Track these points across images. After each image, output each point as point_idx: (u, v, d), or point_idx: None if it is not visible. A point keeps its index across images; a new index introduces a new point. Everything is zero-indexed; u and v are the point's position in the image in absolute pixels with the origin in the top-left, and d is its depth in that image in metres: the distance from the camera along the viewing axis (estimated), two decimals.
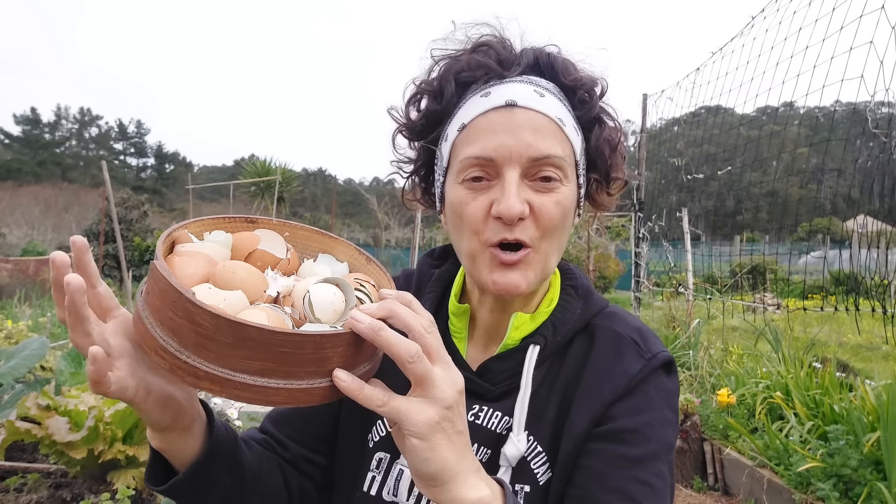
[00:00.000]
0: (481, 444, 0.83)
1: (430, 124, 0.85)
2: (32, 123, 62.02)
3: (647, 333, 0.87)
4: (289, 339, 0.56)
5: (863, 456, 2.62)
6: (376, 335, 0.58)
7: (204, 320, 0.55)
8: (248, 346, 0.55)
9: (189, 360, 0.56)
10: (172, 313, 0.56)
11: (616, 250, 17.50)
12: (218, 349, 0.56)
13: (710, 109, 5.83)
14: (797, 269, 6.51)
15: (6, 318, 6.33)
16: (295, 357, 0.57)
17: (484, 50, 0.81)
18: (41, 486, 2.70)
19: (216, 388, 0.57)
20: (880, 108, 3.47)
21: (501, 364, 0.85)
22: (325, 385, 0.60)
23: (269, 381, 0.57)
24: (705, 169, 5.89)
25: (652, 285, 6.66)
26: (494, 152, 0.76)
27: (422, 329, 0.61)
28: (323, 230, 0.82)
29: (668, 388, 0.83)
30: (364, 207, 32.80)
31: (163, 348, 0.57)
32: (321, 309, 0.64)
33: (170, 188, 57.99)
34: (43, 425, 2.51)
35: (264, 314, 0.61)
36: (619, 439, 0.78)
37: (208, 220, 0.74)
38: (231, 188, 12.65)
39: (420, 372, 0.59)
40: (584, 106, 0.82)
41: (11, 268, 13.21)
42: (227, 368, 0.56)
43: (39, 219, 32.22)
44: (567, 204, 0.79)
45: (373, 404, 0.59)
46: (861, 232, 3.90)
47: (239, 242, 0.72)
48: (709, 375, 4.28)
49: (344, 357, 0.60)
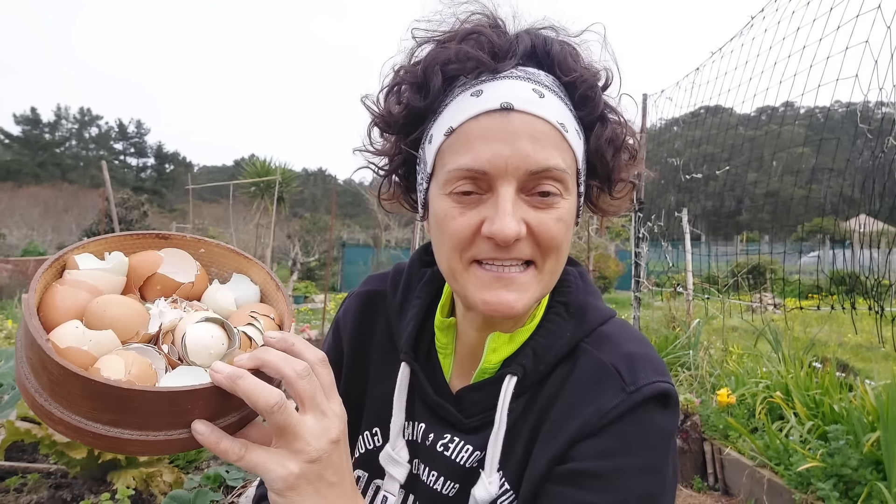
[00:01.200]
0: (448, 477, 0.78)
1: (412, 120, 0.75)
2: (32, 124, 62.00)
3: (637, 361, 0.74)
4: (138, 395, 0.54)
5: (863, 456, 2.62)
6: (234, 385, 0.55)
7: (54, 369, 0.53)
8: (97, 399, 0.54)
9: (45, 403, 0.55)
10: (32, 354, 0.56)
11: (616, 250, 17.51)
12: (70, 398, 0.54)
13: (709, 109, 5.83)
14: (796, 269, 6.51)
15: (6, 318, 6.33)
16: (147, 411, 0.55)
17: (475, 38, 0.70)
18: (41, 487, 2.70)
19: (71, 434, 0.55)
20: (880, 108, 3.47)
21: (476, 395, 0.78)
22: (186, 436, 0.57)
23: (122, 432, 0.55)
24: (705, 169, 5.89)
25: (652, 285, 6.66)
26: (488, 164, 0.66)
27: (294, 375, 0.57)
28: (239, 250, 0.78)
29: (656, 428, 0.71)
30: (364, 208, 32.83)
31: (24, 387, 0.56)
32: (195, 352, 0.61)
33: (170, 188, 57.95)
34: (43, 425, 2.51)
35: (123, 362, 0.57)
36: (579, 483, 0.68)
37: (112, 239, 0.69)
38: (231, 188, 12.65)
39: (282, 423, 0.56)
40: (586, 104, 0.72)
41: (11, 268, 13.21)
42: (80, 416, 0.54)
43: (39, 220, 32.20)
44: (568, 219, 0.70)
45: (229, 458, 0.56)
46: (861, 232, 3.89)
47: (138, 265, 0.68)
48: (709, 375, 4.28)
49: (208, 409, 0.58)
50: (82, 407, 0.54)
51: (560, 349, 0.76)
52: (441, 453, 0.78)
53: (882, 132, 3.34)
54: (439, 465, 0.78)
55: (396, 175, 0.82)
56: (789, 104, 4.98)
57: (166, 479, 2.64)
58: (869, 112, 3.53)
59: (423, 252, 0.90)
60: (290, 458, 0.57)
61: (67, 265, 0.65)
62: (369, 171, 0.84)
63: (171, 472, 2.69)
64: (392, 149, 0.79)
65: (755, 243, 16.84)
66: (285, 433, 0.57)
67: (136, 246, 0.71)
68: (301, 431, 0.57)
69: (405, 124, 0.75)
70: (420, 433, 0.81)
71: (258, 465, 0.56)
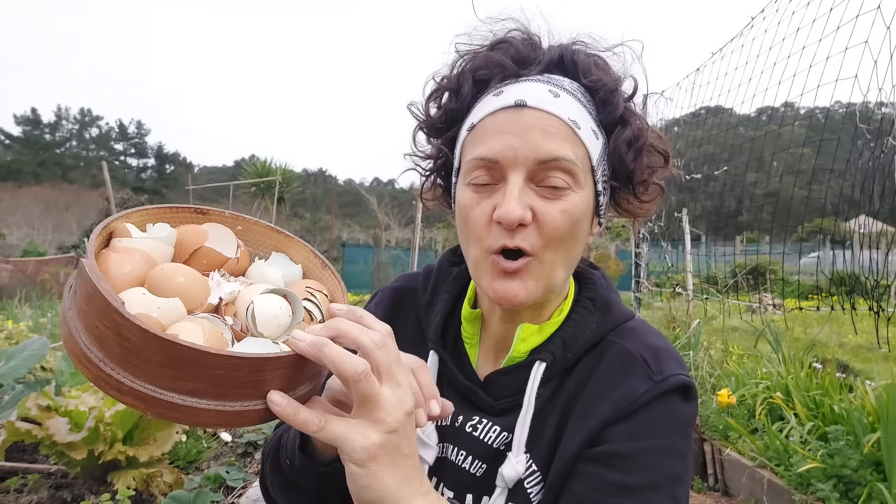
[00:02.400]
0: (476, 457, 0.80)
1: (448, 122, 0.82)
2: (33, 124, 62.04)
3: (662, 353, 0.80)
4: (223, 362, 0.52)
5: (863, 457, 2.62)
6: (320, 353, 0.55)
7: (132, 334, 0.50)
8: (178, 366, 0.51)
9: (113, 372, 0.51)
10: (98, 321, 0.51)
11: (616, 250, 17.52)
12: (145, 365, 0.51)
13: (709, 110, 5.83)
14: (796, 270, 6.50)
15: (6, 319, 6.33)
16: (229, 379, 0.53)
17: (503, 47, 0.77)
18: (41, 487, 2.70)
19: (140, 405, 0.52)
20: (880, 109, 3.47)
21: (506, 379, 0.82)
22: (261, 408, 0.56)
23: (199, 402, 0.53)
24: (705, 169, 5.89)
25: (652, 285, 6.66)
26: (499, 153, 0.72)
27: (372, 345, 0.57)
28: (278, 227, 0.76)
29: (680, 416, 0.76)
30: (364, 208, 32.85)
31: (87, 357, 0.52)
32: (264, 323, 0.60)
33: (170, 189, 57.94)
34: (43, 426, 2.51)
35: (200, 329, 0.55)
36: (610, 464, 0.72)
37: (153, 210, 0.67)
38: (231, 189, 12.66)
39: (366, 391, 0.55)
40: (606, 107, 0.77)
41: (12, 268, 13.21)
42: (154, 385, 0.52)
43: (40, 219, 32.20)
44: (576, 213, 0.73)
45: (309, 429, 0.56)
46: (861, 232, 3.89)
47: (184, 238, 0.66)
48: (709, 376, 4.28)
49: (283, 379, 0.56)
50: (160, 375, 0.51)
51: (587, 339, 0.81)
52: (470, 433, 0.81)
53: (882, 132, 3.34)
54: (468, 445, 0.81)
55: (438, 175, 0.88)
56: (789, 104, 4.97)
57: (167, 480, 2.64)
58: (869, 112, 3.53)
59: (452, 254, 0.97)
60: (372, 428, 0.56)
61: (116, 233, 0.62)
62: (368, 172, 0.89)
63: (172, 473, 2.69)
64: (434, 151, 0.86)
65: (755, 244, 16.83)
66: (367, 402, 0.56)
67: (175, 219, 0.68)
68: (381, 401, 0.56)
69: (441, 126, 0.83)
70: (450, 416, 0.84)
71: (339, 436, 0.56)
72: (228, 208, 0.75)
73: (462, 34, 0.82)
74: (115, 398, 0.52)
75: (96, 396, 2.77)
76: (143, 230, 0.65)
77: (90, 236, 0.59)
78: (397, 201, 22.68)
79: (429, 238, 19.64)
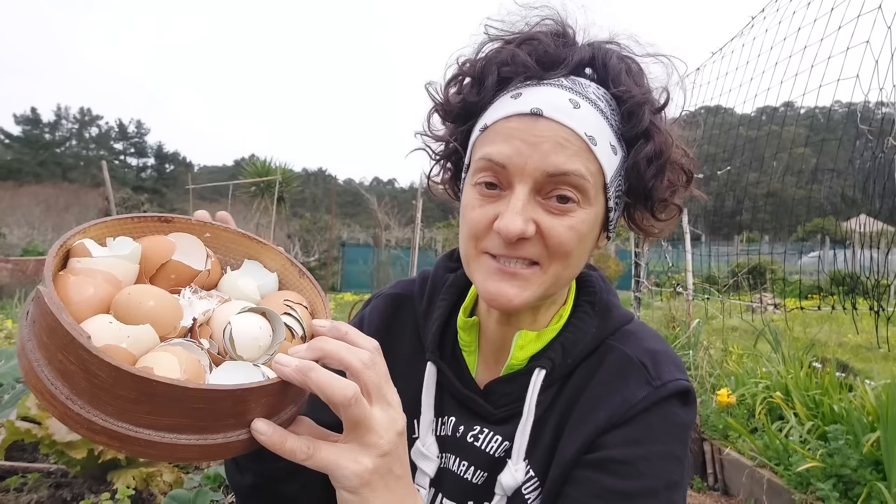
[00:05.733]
0: (477, 466, 0.80)
1: (466, 112, 0.78)
2: (33, 123, 62.04)
3: (661, 357, 0.78)
4: (203, 395, 0.48)
5: (862, 456, 2.62)
6: (306, 378, 0.51)
7: (101, 371, 0.45)
8: (154, 402, 0.47)
9: (82, 411, 0.47)
10: (62, 356, 0.46)
11: (616, 250, 17.52)
12: (118, 402, 0.47)
13: (710, 109, 5.83)
14: (796, 269, 6.50)
15: (6, 318, 6.33)
16: (210, 413, 0.49)
17: (531, 44, 0.73)
18: (41, 486, 2.70)
19: (115, 444, 0.47)
20: (880, 109, 3.47)
21: (505, 387, 0.80)
22: (245, 437, 0.52)
23: (178, 437, 0.49)
24: (705, 169, 5.89)
25: (652, 285, 6.66)
26: (508, 159, 0.69)
27: (361, 365, 0.54)
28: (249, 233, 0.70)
29: (679, 421, 0.75)
30: (364, 207, 32.82)
31: (51, 394, 0.47)
32: (243, 345, 0.56)
33: (170, 188, 57.92)
34: (43, 425, 2.51)
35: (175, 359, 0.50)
36: (608, 470, 0.71)
37: (112, 223, 0.62)
38: (231, 188, 12.66)
39: (357, 416, 0.53)
40: (630, 120, 0.73)
41: (11, 268, 13.20)
42: (129, 423, 0.47)
43: (40, 219, 32.21)
44: (582, 229, 0.71)
45: (297, 458, 0.53)
46: (861, 232, 3.89)
47: (149, 253, 0.60)
48: (708, 375, 4.28)
49: (267, 406, 0.53)
50: (135, 412, 0.47)
51: (587, 345, 0.79)
52: (471, 444, 0.81)
53: (882, 132, 3.34)
54: (469, 455, 0.81)
55: (449, 161, 0.86)
56: (790, 104, 4.97)
57: (166, 479, 2.64)
58: (869, 112, 3.53)
59: (448, 259, 0.95)
60: (364, 453, 0.54)
61: (73, 253, 0.57)
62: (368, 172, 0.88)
63: (171, 472, 2.69)
64: (447, 135, 0.83)
65: (755, 243, 16.82)
66: (359, 426, 0.54)
67: (137, 230, 0.63)
68: (373, 424, 0.54)
69: (459, 114, 0.79)
70: (451, 426, 0.83)
71: (329, 464, 0.53)
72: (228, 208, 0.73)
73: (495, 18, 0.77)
74: (86, 437, 0.48)
75: None
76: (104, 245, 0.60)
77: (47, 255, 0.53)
78: (397, 201, 22.68)
79: (429, 238, 19.64)
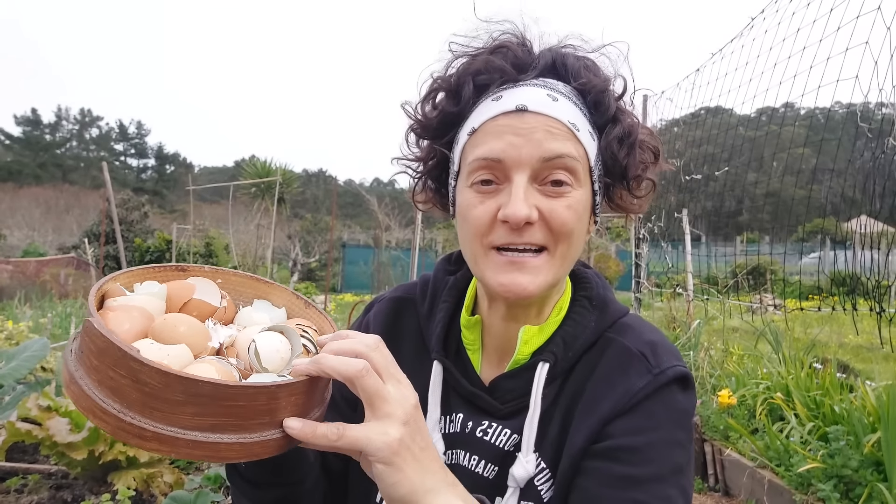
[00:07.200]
0: (488, 460, 0.83)
1: (445, 124, 0.82)
2: (33, 124, 62.11)
3: (660, 347, 0.82)
4: (243, 392, 0.55)
5: (863, 457, 2.62)
6: (321, 365, 0.59)
7: (151, 378, 0.53)
8: (199, 402, 0.54)
9: (134, 420, 0.53)
10: (113, 372, 0.54)
11: (616, 251, 17.54)
12: (166, 407, 0.53)
13: (709, 110, 5.84)
14: (797, 270, 6.50)
15: (7, 320, 6.33)
16: (248, 410, 0.56)
17: (502, 52, 0.79)
18: (42, 488, 2.70)
19: (165, 449, 0.54)
20: (880, 109, 3.47)
21: (510, 382, 0.83)
22: (279, 436, 0.59)
23: (221, 437, 0.55)
24: (705, 169, 5.89)
25: (652, 286, 6.66)
26: (503, 153, 0.73)
27: (366, 348, 0.61)
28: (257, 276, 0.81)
29: (679, 407, 0.78)
30: (365, 208, 32.86)
31: (103, 410, 0.54)
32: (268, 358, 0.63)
33: (170, 189, 58.01)
34: (44, 426, 2.51)
35: (212, 368, 0.59)
36: (615, 458, 0.74)
37: (137, 271, 0.72)
38: (231, 189, 12.65)
39: (371, 387, 0.59)
40: (598, 108, 0.79)
41: (12, 269, 13.22)
42: (176, 427, 0.54)
43: (40, 220, 32.23)
44: (579, 208, 0.76)
45: (329, 441, 0.58)
46: (861, 233, 3.89)
47: (173, 293, 0.70)
48: (709, 376, 4.28)
49: (296, 406, 0.60)
50: (181, 415, 0.54)
51: (587, 338, 0.83)
52: (480, 438, 0.83)
53: (882, 133, 3.34)
54: (479, 450, 0.83)
55: (430, 178, 0.89)
56: (789, 105, 4.98)
57: (167, 480, 2.64)
58: (869, 113, 3.53)
59: (447, 262, 0.99)
60: (387, 425, 0.59)
61: (108, 294, 0.67)
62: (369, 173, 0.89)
63: (172, 473, 2.69)
64: (427, 153, 0.87)
65: (755, 244, 16.83)
66: (375, 399, 0.59)
67: (158, 278, 0.73)
68: (388, 395, 0.60)
69: (438, 128, 0.83)
70: (459, 423, 0.86)
71: (360, 439, 0.58)
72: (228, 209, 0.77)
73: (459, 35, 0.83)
74: (138, 446, 0.54)
75: None
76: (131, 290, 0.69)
77: (89, 297, 0.62)
78: (398, 202, 22.68)
79: (429, 239, 19.65)
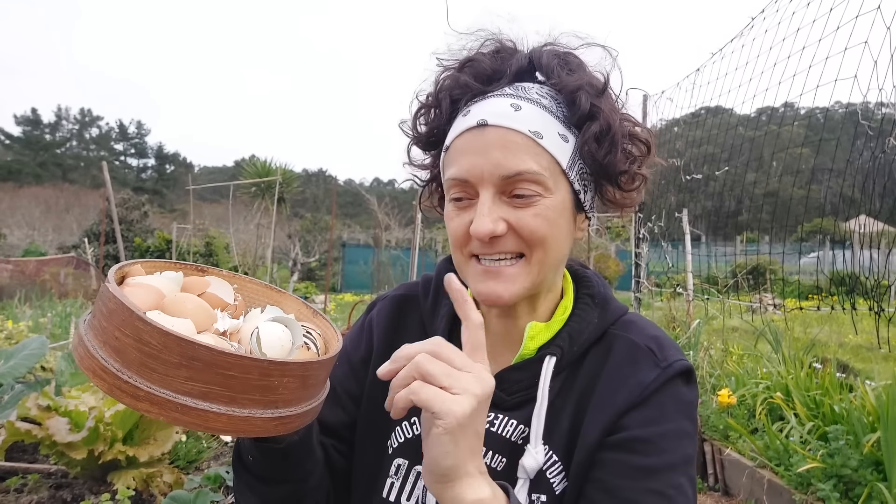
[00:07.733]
0: (496, 451, 0.83)
1: (436, 137, 0.86)
2: (33, 124, 62.10)
3: (664, 342, 0.85)
4: (238, 362, 0.56)
5: (863, 456, 2.62)
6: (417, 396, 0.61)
7: (152, 337, 0.54)
8: (193, 367, 0.55)
9: (130, 379, 0.55)
10: (119, 332, 0.56)
11: (616, 250, 17.52)
12: (162, 369, 0.55)
13: (709, 110, 5.83)
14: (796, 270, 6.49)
15: (6, 319, 6.33)
16: (240, 382, 0.56)
17: (471, 65, 0.81)
18: (41, 487, 2.70)
19: (155, 410, 0.55)
20: (879, 109, 3.47)
21: (517, 374, 0.85)
22: (267, 416, 0.59)
23: (210, 406, 0.56)
24: (705, 169, 5.89)
25: (652, 286, 6.66)
26: (468, 174, 0.76)
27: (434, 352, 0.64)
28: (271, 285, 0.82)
29: (685, 399, 0.81)
30: (364, 208, 32.84)
31: (104, 368, 0.56)
32: (269, 344, 0.64)
33: (170, 189, 57.99)
34: (43, 426, 2.51)
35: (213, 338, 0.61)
36: (631, 449, 0.76)
37: (159, 262, 0.74)
38: (231, 189, 12.64)
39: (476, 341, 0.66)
40: (571, 107, 0.80)
41: (12, 269, 13.22)
42: (168, 389, 0.55)
43: (40, 220, 32.23)
44: (550, 215, 0.77)
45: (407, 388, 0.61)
46: (861, 232, 3.89)
47: (189, 284, 0.73)
48: (709, 376, 4.28)
49: (290, 390, 0.61)
50: (175, 378, 0.55)
51: (591, 333, 0.86)
52: (488, 430, 0.83)
53: (882, 132, 3.34)
54: (487, 441, 0.83)
55: (436, 182, 0.93)
56: (789, 105, 4.97)
57: (166, 480, 2.64)
58: (869, 112, 3.53)
59: (448, 262, 1.01)
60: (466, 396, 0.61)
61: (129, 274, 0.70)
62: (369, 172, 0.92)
63: (172, 473, 2.69)
64: (430, 162, 0.92)
65: (755, 243, 16.81)
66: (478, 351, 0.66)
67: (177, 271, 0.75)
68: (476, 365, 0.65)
69: (431, 141, 0.88)
70: None
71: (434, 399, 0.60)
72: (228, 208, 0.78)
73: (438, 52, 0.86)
74: (130, 405, 0.55)
75: (96, 396, 2.77)
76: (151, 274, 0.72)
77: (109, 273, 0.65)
78: (397, 201, 22.66)
79: (429, 238, 19.64)
